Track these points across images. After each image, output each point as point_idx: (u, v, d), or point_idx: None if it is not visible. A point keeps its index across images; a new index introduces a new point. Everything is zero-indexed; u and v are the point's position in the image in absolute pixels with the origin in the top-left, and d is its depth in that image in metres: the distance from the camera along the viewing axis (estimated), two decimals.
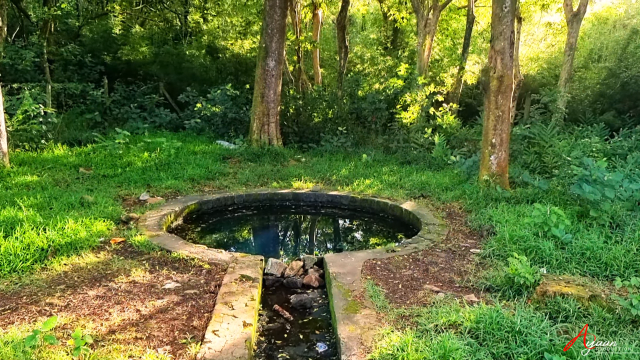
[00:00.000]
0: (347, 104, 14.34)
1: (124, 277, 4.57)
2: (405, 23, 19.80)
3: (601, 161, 6.25)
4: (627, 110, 15.39)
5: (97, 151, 10.09)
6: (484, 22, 21.84)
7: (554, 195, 7.25)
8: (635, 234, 5.23)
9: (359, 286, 4.47)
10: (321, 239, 7.60)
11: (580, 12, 14.30)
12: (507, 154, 8.13)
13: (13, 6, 18.42)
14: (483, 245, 5.73)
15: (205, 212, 7.73)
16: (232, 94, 14.89)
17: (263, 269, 5.05)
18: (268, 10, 11.64)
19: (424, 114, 13.33)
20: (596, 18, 23.20)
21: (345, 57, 17.47)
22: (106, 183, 8.24)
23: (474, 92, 20.17)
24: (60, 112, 13.67)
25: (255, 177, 9.35)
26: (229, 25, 21.59)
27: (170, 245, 5.48)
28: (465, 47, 17.16)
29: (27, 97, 10.10)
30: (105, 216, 6.20)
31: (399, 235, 7.17)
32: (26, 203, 6.26)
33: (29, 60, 13.93)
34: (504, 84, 7.79)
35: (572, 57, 14.57)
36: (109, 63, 18.11)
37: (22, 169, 8.48)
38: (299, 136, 13.65)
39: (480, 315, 3.58)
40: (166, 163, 9.61)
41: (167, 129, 14.70)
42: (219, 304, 3.99)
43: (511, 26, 7.74)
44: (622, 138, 10.70)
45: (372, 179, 9.32)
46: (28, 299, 4.02)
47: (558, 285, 4.01)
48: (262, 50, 11.87)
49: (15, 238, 4.90)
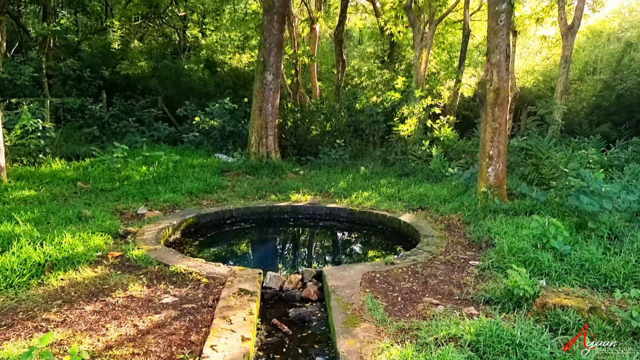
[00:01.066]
0: (344, 116, 14.41)
1: (122, 291, 4.54)
2: (402, 37, 20.02)
3: (598, 173, 6.27)
4: (623, 121, 15.50)
5: (95, 165, 10.08)
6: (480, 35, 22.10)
7: (552, 207, 7.26)
8: (633, 245, 5.23)
9: (358, 299, 4.45)
10: (320, 252, 7.57)
11: (574, 26, 14.47)
12: (505, 165, 8.15)
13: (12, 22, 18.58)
14: (482, 257, 5.71)
15: (204, 225, 7.71)
16: (231, 108, 14.96)
17: (261, 283, 5.02)
18: (266, 25, 11.75)
19: (421, 126, 13.39)
20: (590, 31, 23.47)
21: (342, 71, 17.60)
22: (104, 197, 8.22)
23: (471, 105, 20.31)
24: (59, 126, 13.71)
25: (253, 190, 9.34)
26: (227, 39, 21.78)
27: (168, 259, 5.45)
28: (462, 60, 17.32)
29: (26, 112, 10.12)
30: (102, 230, 6.18)
31: (398, 247, 7.15)
32: (23, 218, 6.23)
33: (28, 75, 14.00)
34: (501, 97, 7.84)
35: (567, 70, 14.71)
36: (107, 77, 18.21)
37: (20, 184, 8.47)
38: (297, 149, 13.68)
39: (480, 328, 3.56)
40: (164, 177, 9.60)
41: (165, 143, 14.73)
42: (217, 319, 3.96)
43: (507, 39, 7.82)
44: (619, 149, 10.74)
45: (370, 192, 9.32)
46: (24, 315, 3.99)
47: (558, 297, 3.99)
48: (260, 64, 11.95)
49: (12, 253, 4.88)
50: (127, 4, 19.17)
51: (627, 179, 7.89)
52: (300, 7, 18.64)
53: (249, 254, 7.30)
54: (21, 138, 10.07)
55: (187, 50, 22.04)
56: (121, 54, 19.66)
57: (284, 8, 12.12)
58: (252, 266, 5.47)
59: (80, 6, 20.20)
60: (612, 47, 20.16)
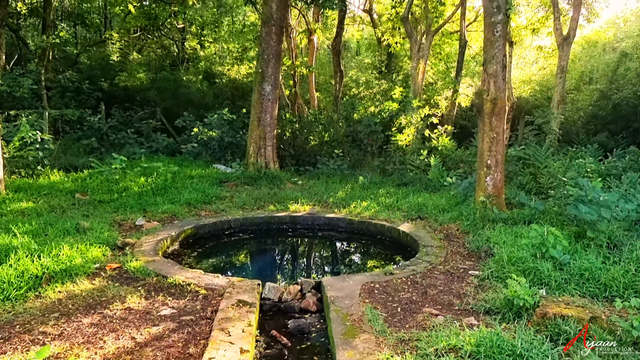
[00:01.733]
0: (343, 127, 14.46)
1: (119, 304, 4.51)
2: (399, 48, 20.18)
3: (596, 182, 6.28)
4: (620, 131, 15.57)
5: (94, 177, 10.06)
6: (476, 46, 22.29)
7: (551, 216, 7.26)
8: (633, 254, 5.22)
9: (357, 310, 4.43)
10: (319, 262, 7.55)
11: (570, 36, 14.60)
12: (503, 175, 8.17)
13: (12, 35, 18.69)
14: (481, 266, 5.70)
15: (202, 236, 7.68)
16: (229, 119, 15.00)
17: (260, 294, 4.99)
18: (264, 37, 11.83)
19: (419, 136, 13.44)
20: (586, 41, 23.68)
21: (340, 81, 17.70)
22: (102, 208, 8.20)
23: (468, 114, 20.41)
24: (57, 138, 13.71)
25: (252, 201, 9.33)
26: (225, 51, 21.92)
27: (166, 270, 5.43)
28: (459, 71, 17.44)
29: (24, 124, 10.13)
30: (100, 242, 6.15)
31: (397, 257, 7.13)
32: (21, 230, 6.21)
33: (27, 87, 14.02)
34: (498, 106, 7.88)
35: (563, 80, 14.81)
36: (106, 89, 18.27)
37: (18, 196, 8.44)
38: (295, 159, 13.70)
39: (481, 339, 3.54)
40: (163, 188, 9.59)
41: (164, 154, 14.74)
42: (216, 330, 3.93)
43: (503, 50, 7.88)
44: (616, 158, 10.79)
45: (369, 201, 9.32)
46: (21, 328, 3.95)
47: (558, 307, 3.98)
48: (258, 75, 12.02)
49: (9, 265, 4.85)
50: (126, 17, 19.30)
51: (625, 187, 7.90)
52: (298, 18, 18.80)
53: (248, 264, 7.27)
54: (19, 150, 10.06)
55: (186, 62, 22.16)
56: (120, 65, 19.75)
57: (282, 20, 12.22)
58: (251, 277, 5.45)
59: (79, 19, 20.35)
60: (608, 57, 20.32)
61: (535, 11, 18.98)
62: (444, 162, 12.00)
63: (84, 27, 21.70)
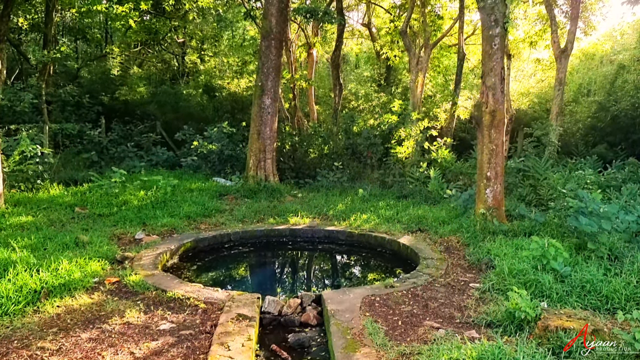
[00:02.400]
0: (342, 139, 14.50)
1: (118, 318, 4.48)
2: (398, 61, 20.35)
3: (596, 193, 6.28)
4: (619, 142, 15.61)
5: (93, 190, 10.06)
6: (475, 59, 22.45)
7: (551, 228, 7.24)
8: (634, 266, 5.20)
9: (358, 323, 4.39)
10: (319, 275, 7.51)
11: (567, 49, 14.72)
12: (502, 187, 8.17)
13: (13, 50, 18.85)
14: (482, 279, 5.67)
15: (202, 249, 7.66)
16: (229, 132, 15.05)
17: (260, 307, 4.96)
18: (264, 50, 11.93)
19: (418, 148, 13.47)
20: (583, 54, 23.87)
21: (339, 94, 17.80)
22: (102, 222, 8.19)
23: (467, 127, 20.47)
24: (57, 152, 13.74)
25: (251, 214, 9.32)
26: (225, 65, 22.09)
27: (166, 284, 5.40)
28: (457, 83, 17.54)
29: (24, 139, 10.16)
30: (100, 256, 6.13)
31: (397, 270, 7.10)
32: (20, 244, 6.19)
33: (27, 102, 14.10)
34: (497, 119, 7.92)
35: (562, 92, 14.89)
36: (106, 103, 18.37)
37: (17, 210, 8.44)
38: (295, 172, 13.71)
39: (482, 352, 3.51)
40: (162, 201, 9.58)
41: (163, 167, 14.75)
42: (215, 345, 3.90)
43: (501, 63, 7.94)
44: (616, 170, 10.80)
45: (368, 214, 9.30)
46: (19, 343, 3.92)
47: (560, 319, 3.95)
48: (258, 88, 12.08)
49: (7, 280, 4.82)
50: (127, 31, 19.48)
51: (625, 199, 7.91)
52: (297, 32, 18.98)
53: (248, 278, 7.23)
54: (19, 164, 10.08)
55: (186, 76, 22.31)
56: (120, 80, 19.88)
57: (282, 34, 12.33)
58: (251, 291, 5.42)
59: (80, 34, 20.54)
60: (606, 70, 20.47)
61: (533, 24, 19.15)
62: (443, 175, 12.01)
63: (85, 42, 21.90)
